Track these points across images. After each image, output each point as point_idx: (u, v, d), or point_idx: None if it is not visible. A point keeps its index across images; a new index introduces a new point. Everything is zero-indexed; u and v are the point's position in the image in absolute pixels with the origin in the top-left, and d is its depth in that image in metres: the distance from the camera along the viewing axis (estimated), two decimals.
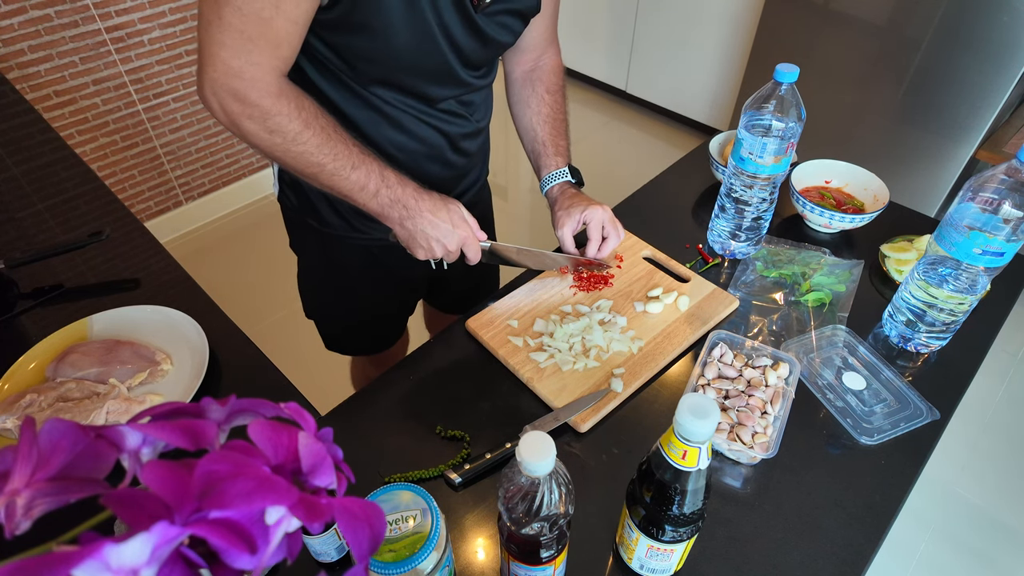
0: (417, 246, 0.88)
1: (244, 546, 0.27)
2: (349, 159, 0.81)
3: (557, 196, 1.03)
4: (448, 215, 0.86)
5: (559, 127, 1.06)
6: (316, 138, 0.78)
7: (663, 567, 0.68)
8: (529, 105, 1.05)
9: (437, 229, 0.86)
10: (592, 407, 0.84)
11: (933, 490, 1.77)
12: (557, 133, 1.05)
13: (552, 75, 1.06)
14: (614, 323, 0.95)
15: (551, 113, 1.05)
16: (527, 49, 1.04)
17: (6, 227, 1.14)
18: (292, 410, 0.35)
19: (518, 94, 1.07)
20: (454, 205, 0.88)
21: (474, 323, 0.96)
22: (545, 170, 1.04)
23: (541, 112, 1.05)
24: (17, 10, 1.86)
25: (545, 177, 1.04)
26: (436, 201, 0.86)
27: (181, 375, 0.89)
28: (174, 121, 2.33)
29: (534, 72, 1.06)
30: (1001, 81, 1.87)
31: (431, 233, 0.86)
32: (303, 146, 0.78)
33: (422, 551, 0.56)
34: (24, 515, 0.27)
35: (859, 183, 1.18)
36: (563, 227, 0.99)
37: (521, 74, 1.07)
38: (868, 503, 0.77)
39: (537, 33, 1.02)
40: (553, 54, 1.07)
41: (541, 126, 1.05)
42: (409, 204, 0.85)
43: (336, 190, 0.83)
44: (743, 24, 2.62)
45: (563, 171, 1.03)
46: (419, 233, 0.86)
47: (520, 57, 1.05)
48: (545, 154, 1.04)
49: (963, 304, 0.87)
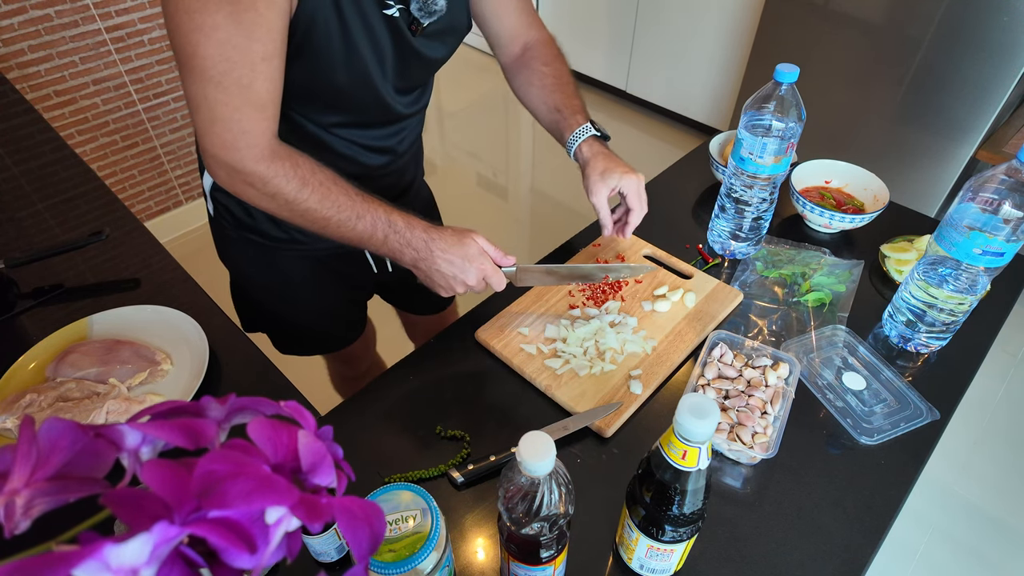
0: (436, 285, 0.87)
1: (244, 546, 0.27)
2: (353, 210, 0.81)
3: (588, 157, 0.98)
4: (463, 251, 0.84)
5: (568, 89, 1.04)
6: (316, 194, 0.78)
7: (663, 567, 0.68)
8: (532, 83, 1.04)
9: (452, 267, 0.84)
10: (615, 411, 0.84)
11: (933, 490, 1.77)
12: (568, 94, 1.03)
13: (544, 49, 1.05)
14: (625, 324, 0.95)
15: (555, 81, 1.04)
16: (510, 39, 1.04)
17: (6, 227, 1.14)
18: (292, 408, 0.35)
19: (517, 79, 1.07)
20: (470, 239, 0.85)
21: (484, 333, 0.95)
22: (567, 132, 1.00)
23: (546, 84, 1.03)
24: (17, 10, 1.86)
25: (570, 138, 1.00)
26: (448, 238, 0.84)
27: (181, 375, 0.89)
28: (174, 121, 2.34)
29: (524, 55, 1.06)
30: (1001, 81, 1.87)
31: (447, 271, 0.85)
32: (305, 203, 0.78)
33: (422, 551, 0.56)
34: (23, 514, 0.27)
35: (859, 183, 1.18)
36: (598, 194, 0.96)
37: (513, 62, 1.07)
38: (868, 503, 0.77)
39: (510, 23, 1.02)
40: (537, 32, 1.06)
41: (550, 94, 1.03)
42: (419, 247, 0.84)
43: (346, 240, 0.83)
44: (743, 24, 2.62)
45: (586, 127, 0.99)
46: (435, 273, 0.85)
47: (507, 48, 1.05)
48: (563, 117, 1.01)
49: (963, 304, 0.87)
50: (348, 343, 1.31)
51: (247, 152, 0.74)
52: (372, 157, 0.95)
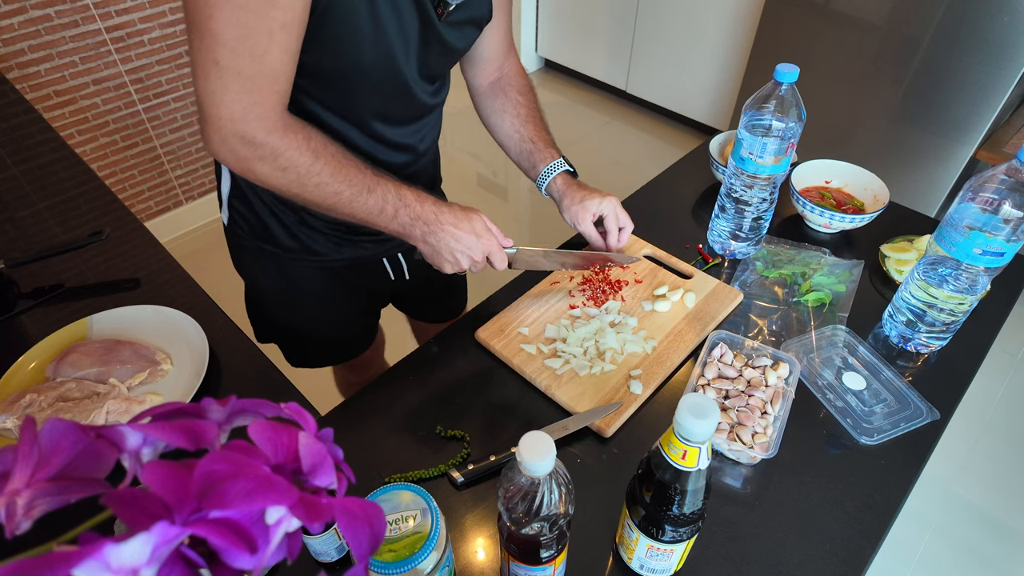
0: (443, 260, 0.87)
1: (244, 546, 0.27)
2: (364, 183, 0.80)
3: (564, 189, 1.02)
4: (471, 226, 0.86)
5: (540, 123, 1.06)
6: (328, 167, 0.77)
7: (663, 567, 0.68)
8: (506, 111, 1.05)
9: (460, 242, 0.85)
10: (615, 411, 0.84)
11: (933, 490, 1.77)
12: (541, 128, 1.05)
13: (519, 78, 1.06)
14: (625, 324, 0.95)
15: (529, 112, 1.05)
16: (488, 60, 1.04)
17: (6, 227, 1.14)
18: (292, 410, 0.35)
19: (490, 105, 1.07)
20: (476, 215, 0.88)
21: (484, 333, 0.95)
22: (541, 164, 1.03)
23: (520, 114, 1.04)
24: (17, 10, 1.86)
25: (543, 171, 1.03)
26: (457, 213, 0.86)
27: (181, 375, 0.89)
28: (174, 121, 2.33)
29: (500, 80, 1.06)
30: (1001, 81, 1.87)
31: (455, 246, 0.86)
32: (317, 177, 0.77)
33: (422, 551, 0.56)
34: (24, 515, 0.27)
35: (859, 183, 1.18)
36: (583, 222, 1.00)
37: (488, 86, 1.06)
38: (868, 503, 0.77)
39: (495, 43, 1.02)
40: (513, 60, 1.07)
41: (524, 126, 1.04)
42: (430, 220, 0.84)
43: (356, 217, 0.82)
44: (743, 24, 2.62)
45: (560, 161, 1.03)
46: (443, 248, 0.86)
47: (482, 69, 1.05)
48: (536, 150, 1.04)
49: (963, 304, 0.87)
50: (359, 353, 1.31)
51: (258, 124, 0.72)
52: (393, 155, 0.94)
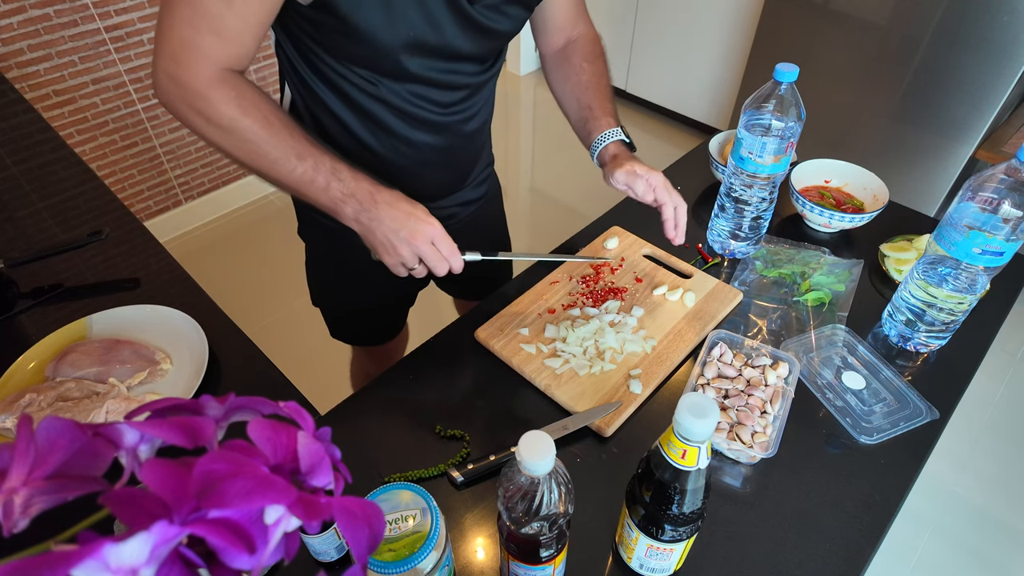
0: (378, 245, 0.81)
1: (243, 545, 0.27)
2: (294, 149, 0.77)
3: (614, 154, 0.96)
4: (410, 206, 0.80)
5: (603, 91, 1.02)
6: (256, 125, 0.76)
7: (663, 567, 0.68)
8: (568, 78, 1.03)
9: (397, 222, 0.79)
10: (615, 411, 0.84)
11: (932, 490, 1.77)
12: (603, 96, 1.01)
13: (587, 45, 1.04)
14: (624, 324, 0.95)
15: (591, 80, 1.01)
16: (555, 30, 1.02)
17: (5, 227, 1.14)
18: (291, 409, 0.35)
19: (554, 72, 1.05)
20: (422, 208, 0.82)
21: (483, 333, 0.95)
22: (596, 131, 0.98)
23: (581, 80, 1.01)
24: (16, 9, 1.86)
25: (598, 138, 0.97)
26: (396, 194, 0.81)
27: (181, 375, 0.89)
28: (174, 120, 2.33)
29: (567, 47, 1.04)
30: (1001, 81, 1.87)
31: (391, 227, 0.79)
32: (243, 134, 0.76)
33: (422, 551, 0.56)
34: (22, 513, 0.27)
35: (859, 183, 1.18)
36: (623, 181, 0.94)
37: (554, 53, 1.05)
38: (867, 502, 0.77)
39: (562, 11, 1.00)
40: (584, 28, 1.05)
41: (583, 92, 1.01)
42: (363, 198, 0.79)
43: (286, 185, 0.80)
44: (743, 24, 2.62)
45: (616, 130, 0.97)
46: (379, 230, 0.80)
47: (550, 38, 1.04)
48: (592, 118, 0.99)
49: (963, 304, 0.87)
50: (391, 337, 1.33)
51: (187, 67, 0.72)
52: (420, 134, 0.90)
